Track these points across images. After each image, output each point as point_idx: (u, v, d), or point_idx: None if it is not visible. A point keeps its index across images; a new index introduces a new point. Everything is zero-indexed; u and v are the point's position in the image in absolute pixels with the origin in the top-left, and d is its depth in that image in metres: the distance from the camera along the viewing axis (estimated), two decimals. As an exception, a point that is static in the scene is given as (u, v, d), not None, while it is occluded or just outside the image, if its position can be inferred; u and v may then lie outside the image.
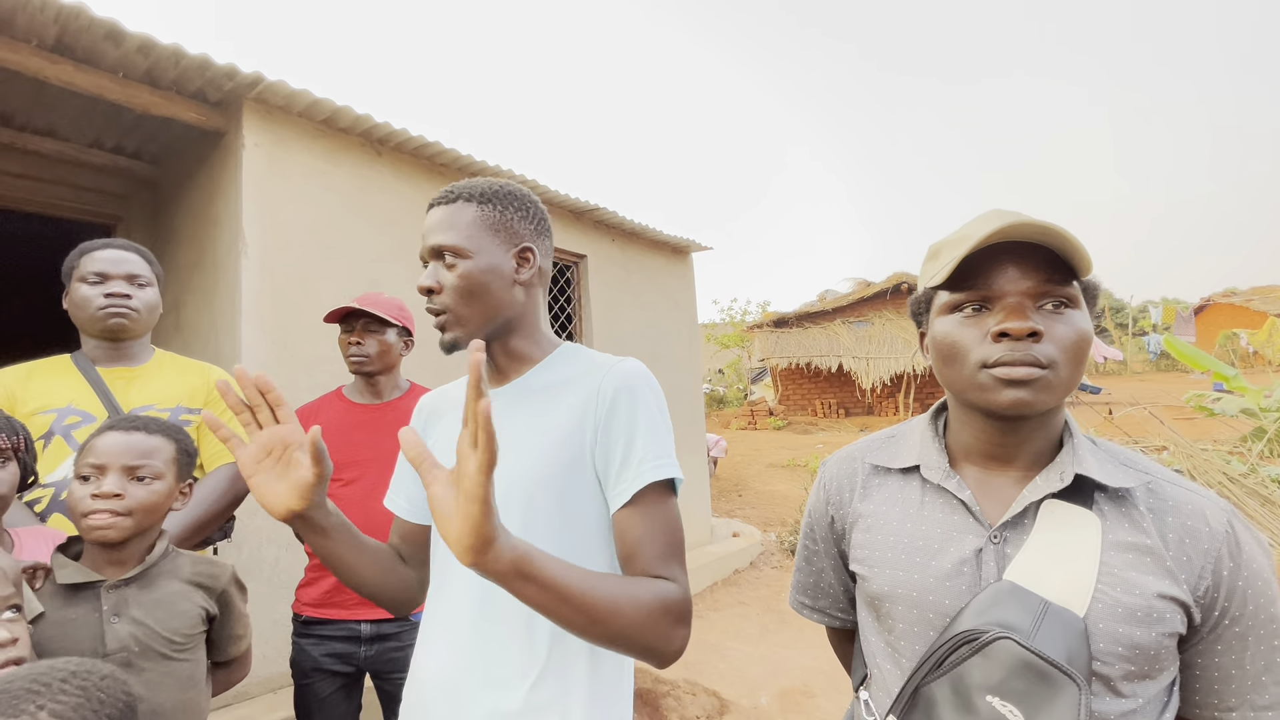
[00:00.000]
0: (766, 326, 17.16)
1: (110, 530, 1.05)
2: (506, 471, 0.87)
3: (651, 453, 0.85)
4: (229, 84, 2.63)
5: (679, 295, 5.41)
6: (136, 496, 1.08)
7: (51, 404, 1.45)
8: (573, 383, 0.92)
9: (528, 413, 0.93)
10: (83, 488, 1.05)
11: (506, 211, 0.94)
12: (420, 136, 3.20)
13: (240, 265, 2.65)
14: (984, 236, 0.70)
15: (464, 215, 0.92)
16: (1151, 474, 0.75)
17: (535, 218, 0.98)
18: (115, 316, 1.51)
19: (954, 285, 0.76)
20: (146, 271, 1.59)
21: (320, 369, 2.71)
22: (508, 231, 0.94)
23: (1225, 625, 0.70)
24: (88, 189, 3.41)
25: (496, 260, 0.92)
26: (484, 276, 0.91)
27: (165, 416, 1.51)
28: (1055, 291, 0.71)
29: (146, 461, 1.10)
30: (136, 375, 1.56)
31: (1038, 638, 0.66)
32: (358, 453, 1.79)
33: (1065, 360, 0.71)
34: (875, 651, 0.84)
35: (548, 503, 0.87)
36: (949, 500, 0.80)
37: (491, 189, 0.95)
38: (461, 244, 0.91)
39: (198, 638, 1.14)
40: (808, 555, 1.00)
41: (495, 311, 0.93)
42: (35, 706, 0.70)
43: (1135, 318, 25.86)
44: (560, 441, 0.88)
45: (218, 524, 1.58)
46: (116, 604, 1.05)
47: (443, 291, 0.91)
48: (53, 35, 2.28)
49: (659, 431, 0.87)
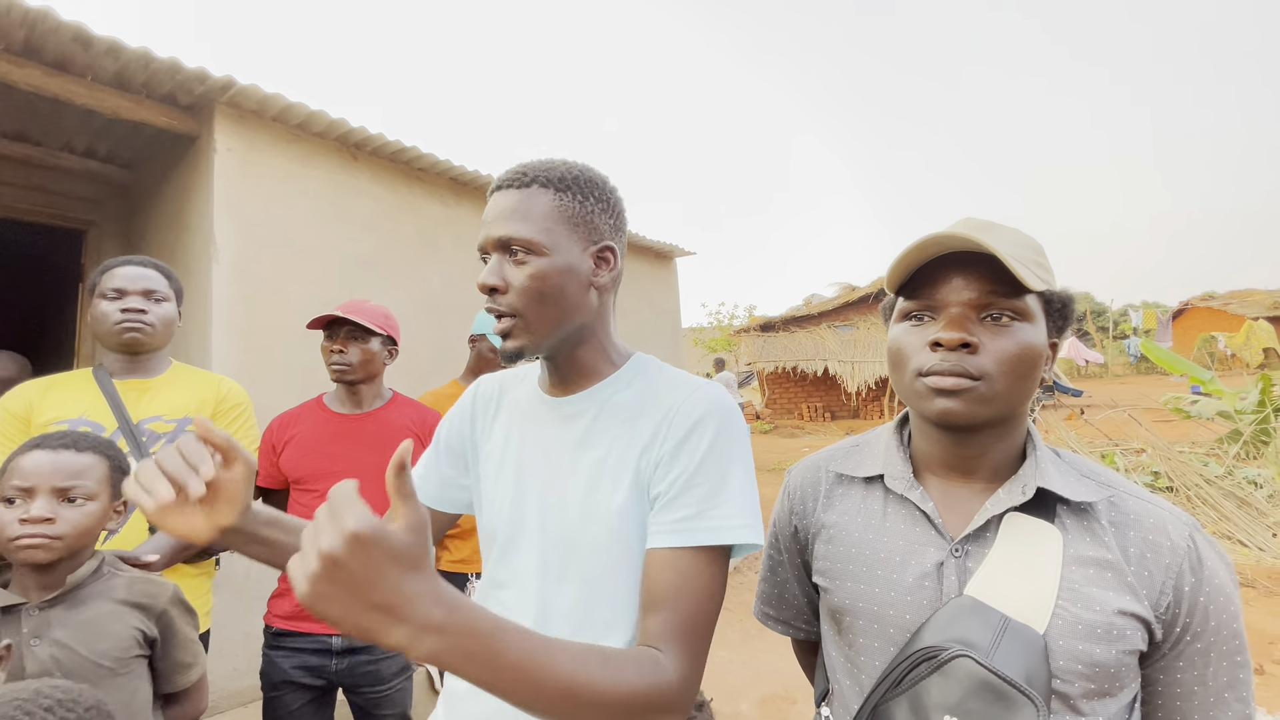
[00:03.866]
0: (753, 331, 17.22)
1: (39, 551, 1.00)
2: (578, 511, 0.79)
3: (709, 511, 0.73)
4: (200, 88, 2.59)
5: (663, 300, 5.41)
6: (69, 519, 1.03)
7: (65, 415, 1.47)
8: (649, 404, 0.81)
9: (597, 438, 0.82)
10: (9, 512, 1.00)
11: (588, 203, 0.81)
12: (397, 141, 3.18)
13: (211, 271, 2.61)
14: (914, 247, 0.71)
15: (539, 203, 0.79)
16: (1114, 487, 0.74)
17: (616, 212, 0.85)
18: (130, 331, 1.55)
19: (906, 294, 0.76)
20: (164, 287, 1.63)
21: (292, 374, 2.67)
22: (587, 226, 0.81)
23: (1187, 641, 0.69)
24: (59, 194, 3.35)
25: (574, 259, 0.79)
26: (560, 278, 0.78)
27: (171, 428, 1.57)
28: (999, 304, 0.71)
29: (78, 482, 1.05)
30: (149, 387, 1.60)
31: (997, 655, 0.65)
32: (334, 463, 1.75)
33: (1000, 373, 0.70)
34: (836, 666, 0.83)
35: (625, 547, 0.77)
36: (911, 511, 0.79)
37: (571, 174, 0.81)
38: (537, 238, 0.77)
39: (133, 663, 1.07)
40: (772, 565, 0.98)
41: (568, 318, 0.80)
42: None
43: (1116, 321, 26.25)
44: (636, 476, 0.78)
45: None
46: (38, 626, 1.00)
47: (509, 291, 0.78)
48: (20, 39, 2.24)
49: (726, 483, 0.74)
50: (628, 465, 0.78)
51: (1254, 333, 16.57)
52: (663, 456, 0.76)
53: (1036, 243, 0.76)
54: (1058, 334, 0.77)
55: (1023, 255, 0.70)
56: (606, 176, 0.86)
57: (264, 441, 1.78)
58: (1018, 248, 0.71)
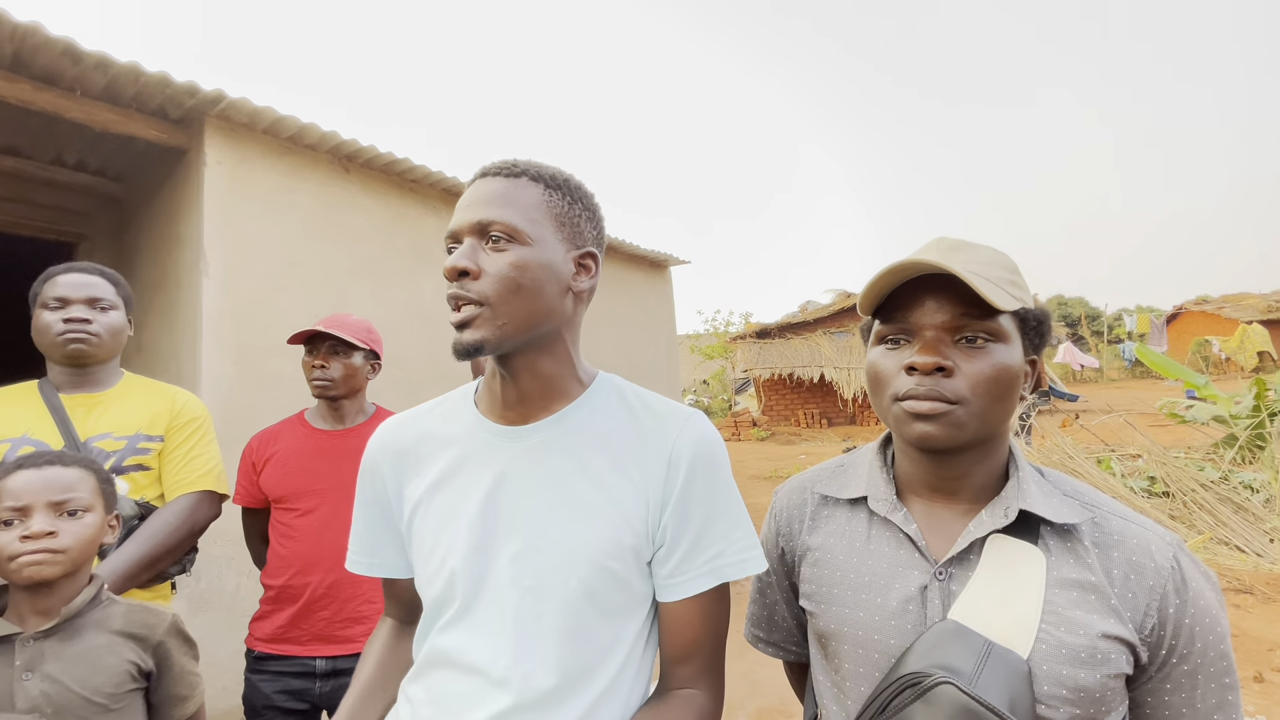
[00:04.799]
0: (749, 337, 17.24)
1: (45, 567, 0.98)
2: (561, 551, 0.72)
3: (733, 545, 0.75)
4: (190, 101, 2.59)
5: (657, 309, 5.41)
6: (71, 532, 1.02)
7: (6, 434, 1.39)
8: (636, 436, 0.76)
9: (577, 472, 0.75)
10: (6, 533, 0.98)
11: (575, 206, 0.79)
12: (390, 153, 3.18)
13: (201, 285, 2.60)
14: (883, 273, 0.72)
15: (528, 194, 0.75)
16: (1097, 507, 0.74)
17: (598, 224, 0.83)
18: (74, 342, 1.45)
19: (882, 317, 0.76)
20: (110, 294, 1.54)
21: (283, 389, 2.65)
22: (573, 228, 0.78)
23: (1174, 664, 0.68)
24: (49, 207, 3.34)
25: (556, 258, 0.76)
26: (541, 272, 0.73)
27: (122, 445, 1.47)
28: (972, 326, 0.71)
29: (73, 495, 1.04)
30: (98, 401, 1.51)
31: (980, 681, 0.64)
32: (316, 481, 1.73)
33: (976, 395, 0.70)
34: (823, 691, 0.82)
35: (613, 591, 0.73)
36: (895, 534, 0.78)
37: (562, 175, 0.79)
38: (523, 226, 0.73)
39: (128, 697, 1.04)
40: (760, 588, 0.97)
41: (541, 317, 0.75)
42: None
43: (1111, 325, 26.33)
44: (628, 514, 0.73)
45: (174, 558, 1.50)
46: (31, 659, 0.98)
47: (481, 278, 0.72)
48: (9, 53, 2.23)
49: (738, 514, 0.76)
50: (619, 503, 0.73)
51: (1248, 336, 16.62)
52: (670, 499, 0.74)
53: (1010, 261, 0.75)
54: (1035, 351, 0.77)
55: (994, 275, 0.70)
56: (592, 192, 0.84)
57: (244, 460, 1.76)
58: (989, 267, 0.71)
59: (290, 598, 1.66)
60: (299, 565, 1.67)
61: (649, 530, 0.74)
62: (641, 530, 0.74)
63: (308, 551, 1.68)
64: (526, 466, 0.76)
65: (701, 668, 0.75)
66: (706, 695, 0.74)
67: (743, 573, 0.75)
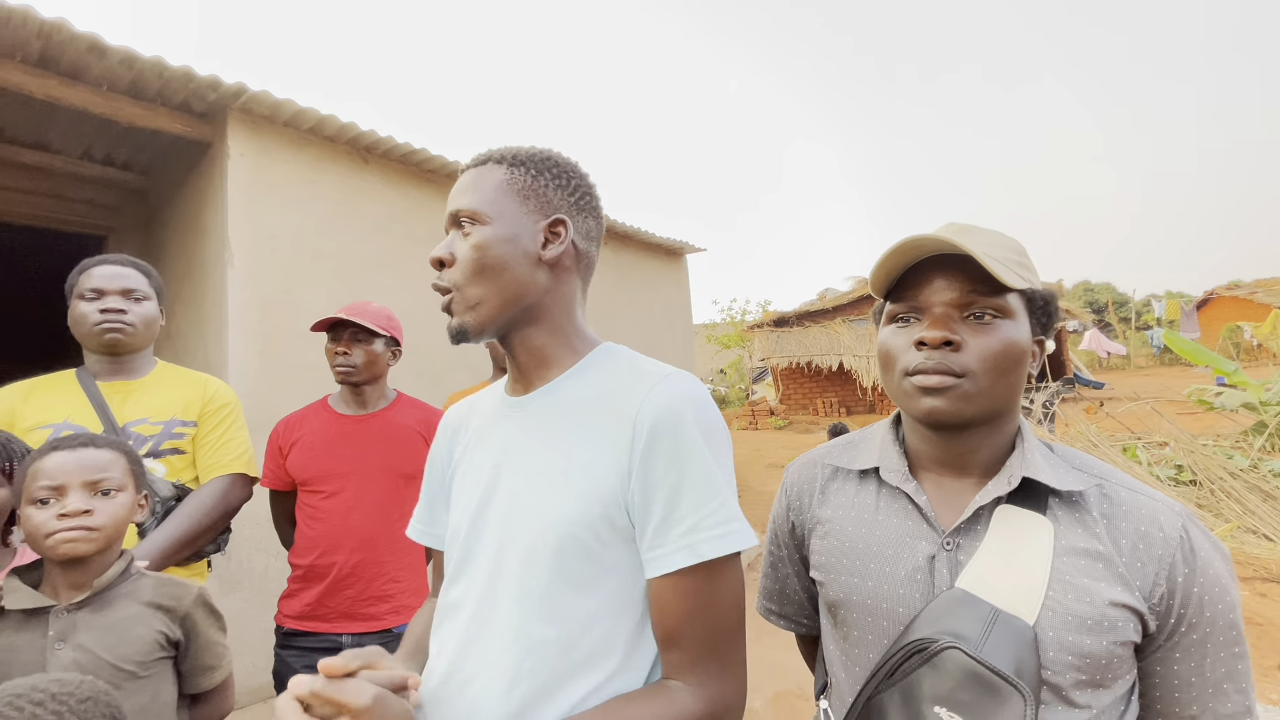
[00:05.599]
0: (767, 326, 17.15)
1: (81, 544, 1.02)
2: (528, 522, 0.72)
3: (707, 518, 0.67)
4: (213, 95, 2.63)
5: (673, 297, 5.41)
6: (105, 510, 1.06)
7: (49, 419, 1.45)
8: (610, 400, 0.74)
9: (555, 439, 0.75)
10: (43, 511, 1.02)
11: (541, 177, 0.79)
12: (407, 144, 3.21)
13: (227, 275, 2.66)
14: (892, 251, 0.73)
15: (491, 177, 0.78)
16: (1105, 478, 0.74)
17: (577, 190, 0.81)
18: (110, 332, 1.51)
19: (893, 297, 0.78)
20: (143, 285, 1.59)
21: (307, 377, 2.71)
22: (539, 199, 0.78)
23: (1183, 632, 0.69)
24: (79, 201, 3.43)
25: (519, 230, 0.76)
26: (502, 248, 0.75)
27: (158, 430, 1.53)
28: (980, 303, 0.73)
29: (106, 475, 1.08)
30: (134, 389, 1.57)
31: (986, 647, 0.65)
32: (340, 464, 1.78)
33: (984, 370, 0.72)
34: (833, 659, 0.84)
35: (579, 561, 0.69)
36: (904, 505, 0.79)
37: (527, 152, 0.80)
38: (480, 208, 0.76)
39: (156, 665, 1.08)
40: (772, 561, 0.99)
41: (512, 294, 0.76)
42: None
43: (1139, 312, 25.75)
44: (596, 483, 0.70)
45: (209, 537, 1.57)
46: (64, 629, 1.02)
47: (453, 264, 0.77)
48: (37, 50, 2.29)
49: (713, 483, 0.68)
50: (591, 470, 0.71)
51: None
52: (634, 465, 0.69)
53: (1018, 244, 0.77)
54: (1042, 331, 0.78)
55: (1003, 256, 0.72)
56: (573, 162, 0.83)
57: (270, 444, 1.81)
58: (998, 249, 0.73)
59: (317, 576, 1.72)
60: (325, 545, 1.72)
61: (622, 499, 0.69)
62: (613, 499, 0.69)
63: (333, 532, 1.73)
64: (521, 435, 0.79)
65: (688, 658, 0.67)
66: (691, 691, 0.66)
67: (720, 550, 0.66)
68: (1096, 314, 27.25)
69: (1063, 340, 16.51)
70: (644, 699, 0.66)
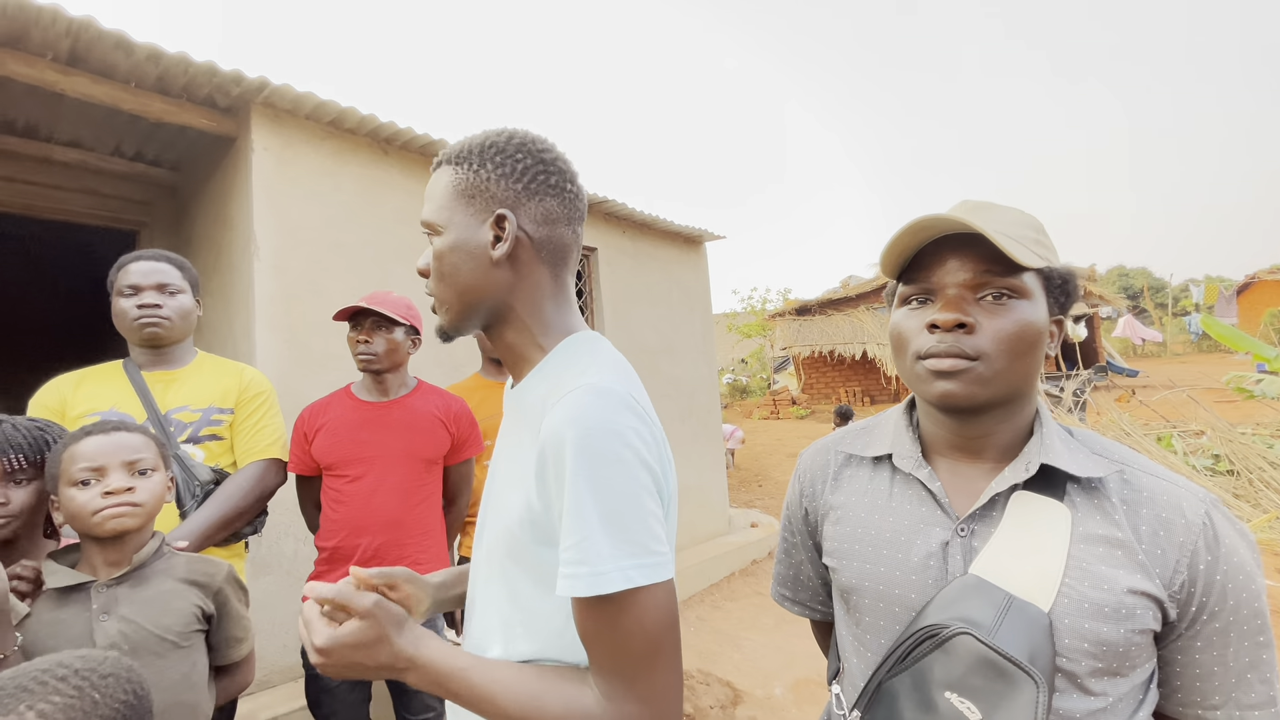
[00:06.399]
0: (788, 314, 17.00)
1: (126, 519, 1.08)
2: (495, 508, 0.78)
3: (564, 553, 0.64)
4: (236, 89, 2.68)
5: (693, 286, 5.38)
6: (145, 488, 1.12)
7: (96, 407, 1.53)
8: (539, 409, 0.73)
9: (519, 436, 0.77)
10: (85, 492, 1.07)
11: (483, 170, 0.75)
12: (426, 134, 3.23)
13: (253, 267, 2.71)
14: (903, 231, 0.71)
15: (440, 182, 0.78)
16: (1126, 463, 0.73)
17: (525, 173, 0.75)
18: (149, 326, 1.60)
19: (905, 279, 0.76)
20: (177, 279, 1.66)
21: (331, 366, 2.76)
22: (482, 197, 0.75)
23: (1204, 621, 0.67)
24: (112, 196, 3.52)
25: (465, 234, 0.75)
26: (452, 255, 0.75)
27: (197, 417, 1.61)
28: (995, 283, 0.70)
29: (142, 455, 1.13)
30: (175, 378, 1.65)
31: (999, 633, 0.64)
32: (363, 449, 1.82)
33: (999, 352, 0.69)
34: (846, 645, 0.83)
35: (523, 550, 0.72)
36: (918, 491, 0.78)
37: (472, 145, 0.77)
38: (433, 217, 0.77)
39: (193, 636, 1.14)
40: (787, 548, 0.99)
41: (471, 298, 0.76)
42: (25, 706, 0.69)
43: (1176, 297, 24.94)
44: (520, 493, 0.72)
45: (246, 519, 1.64)
46: (106, 603, 1.07)
47: (429, 274, 0.79)
48: (66, 48, 2.35)
49: (580, 518, 0.63)
50: (525, 475, 0.71)
51: (1328, 306, 15.53)
52: (543, 478, 0.68)
53: (1035, 221, 0.74)
54: (1061, 311, 0.76)
55: (1019, 234, 0.70)
56: (526, 139, 0.77)
57: (296, 430, 1.85)
58: (1013, 226, 0.71)
59: (342, 558, 1.76)
60: (349, 528, 1.77)
61: (538, 505, 0.69)
62: (533, 505, 0.69)
63: (357, 515, 1.77)
64: (507, 426, 0.84)
65: (596, 669, 0.65)
66: (600, 699, 0.64)
67: (567, 591, 0.63)
68: (1131, 299, 26.47)
69: (1095, 327, 16.07)
70: (564, 679, 0.68)
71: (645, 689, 0.64)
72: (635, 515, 0.64)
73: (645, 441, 0.67)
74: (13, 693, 0.70)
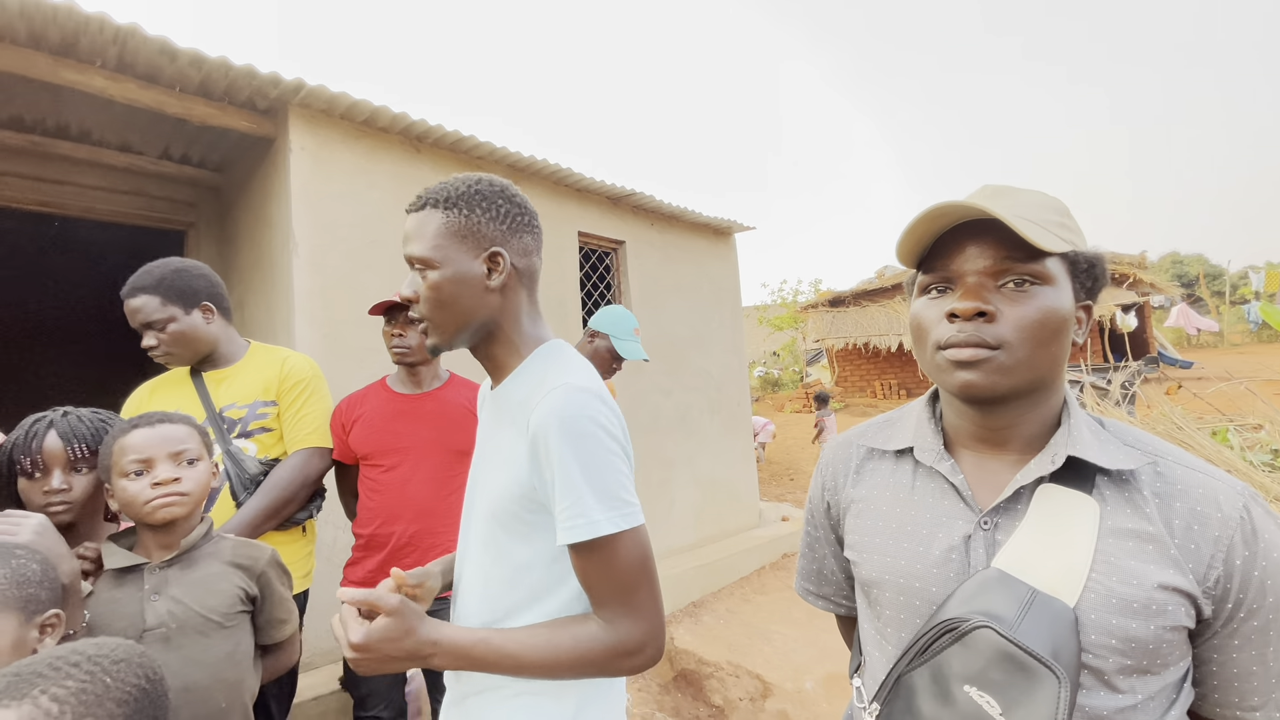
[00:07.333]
0: (821, 306, 16.74)
1: (175, 507, 1.14)
2: (484, 490, 0.95)
3: (563, 512, 0.83)
4: (274, 91, 2.76)
5: (721, 278, 5.35)
6: (192, 478, 1.18)
7: (166, 407, 1.61)
8: (524, 406, 0.89)
9: (502, 430, 0.94)
10: (136, 483, 1.13)
11: (473, 215, 0.91)
12: (456, 131, 3.27)
13: (292, 264, 2.79)
14: (919, 219, 0.69)
15: (430, 223, 0.91)
16: (1160, 455, 0.70)
17: (508, 216, 0.94)
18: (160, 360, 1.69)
19: (923, 266, 0.75)
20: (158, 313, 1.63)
21: (368, 359, 2.84)
22: (475, 237, 0.91)
23: (1241, 619, 0.65)
24: (160, 198, 3.67)
25: (464, 268, 0.90)
26: (452, 287, 0.90)
27: (244, 413, 1.69)
28: (1016, 269, 0.68)
29: (187, 446, 1.19)
30: (226, 376, 1.74)
31: (1022, 628, 0.63)
32: (398, 440, 1.87)
33: (1020, 340, 0.67)
34: (867, 638, 0.83)
35: (513, 522, 0.90)
36: (940, 485, 0.77)
37: (458, 192, 0.92)
38: (428, 254, 0.90)
39: (238, 617, 1.19)
40: (810, 542, 0.99)
41: (467, 319, 0.92)
42: (39, 691, 0.71)
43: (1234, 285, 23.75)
44: (515, 470, 0.88)
45: (294, 506, 1.71)
46: (157, 584, 1.13)
47: (419, 300, 0.92)
48: (114, 55, 2.45)
49: (569, 484, 0.82)
50: (515, 460, 0.88)
51: (1404, 293, 14.59)
52: (535, 458, 0.85)
53: (1059, 204, 0.72)
54: (1089, 296, 0.73)
55: (1040, 218, 0.67)
56: (502, 187, 0.95)
57: (334, 421, 1.91)
58: (1035, 210, 0.68)
59: (378, 545, 1.82)
60: (384, 516, 1.82)
61: (531, 481, 0.86)
62: (527, 483, 0.87)
63: (392, 503, 1.82)
64: (490, 421, 1.01)
65: (597, 603, 0.85)
66: (603, 624, 0.84)
67: (570, 538, 0.82)
68: (1186, 287, 25.29)
69: (1146, 316, 15.41)
70: (570, 623, 0.86)
71: (637, 607, 0.84)
72: (613, 477, 0.84)
73: (612, 422, 0.87)
74: (27, 679, 0.72)
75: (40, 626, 0.91)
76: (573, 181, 4.01)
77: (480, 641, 0.83)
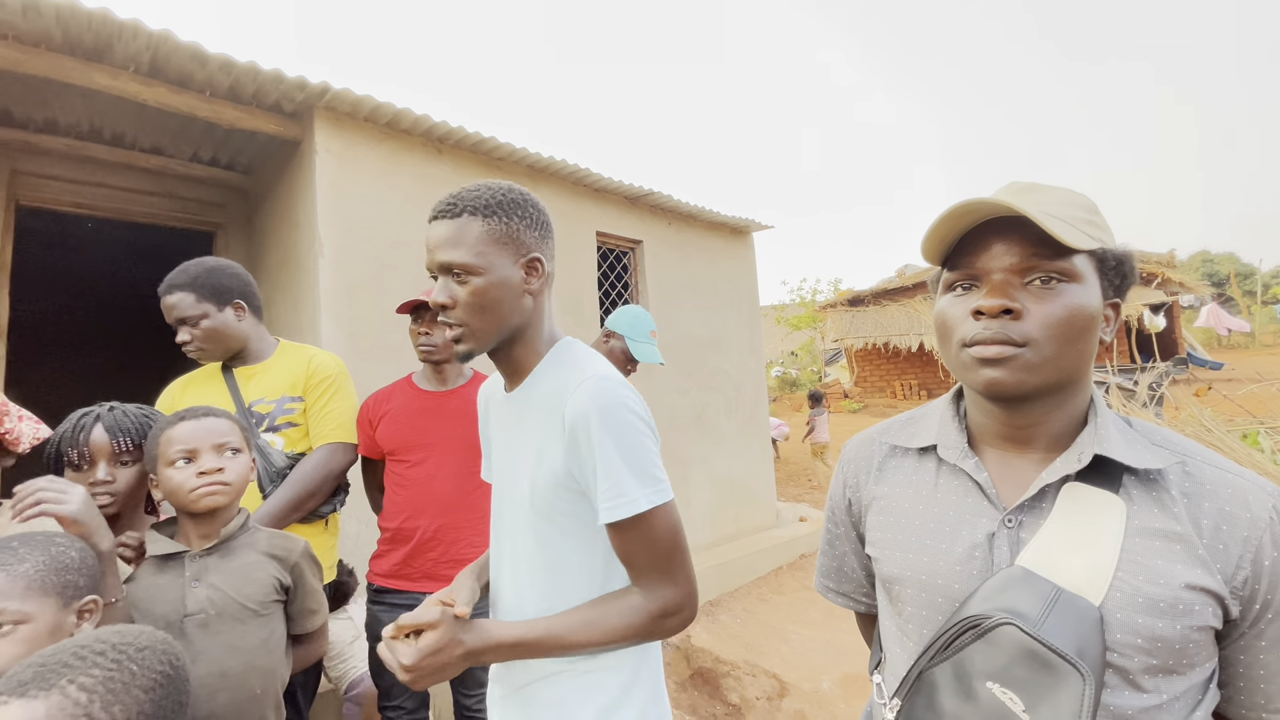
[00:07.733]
0: (840, 305, 16.61)
1: (219, 496, 1.18)
2: (518, 483, 0.99)
3: (604, 493, 0.88)
4: (301, 95, 2.81)
5: (739, 277, 5.34)
6: (234, 468, 1.22)
7: (200, 402, 1.68)
8: (554, 399, 0.94)
9: (528, 427, 0.99)
10: (181, 472, 1.17)
11: (513, 222, 0.94)
12: (477, 133, 3.31)
13: (318, 264, 2.85)
14: (944, 217, 0.69)
15: (470, 230, 0.92)
16: (1189, 455, 0.70)
17: (540, 224, 0.98)
18: (194, 356, 1.76)
19: (948, 264, 0.74)
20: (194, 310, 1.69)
21: (392, 357, 2.88)
22: (515, 243, 0.95)
23: (1270, 620, 0.64)
24: (190, 199, 3.76)
25: (506, 273, 0.94)
26: (496, 292, 0.93)
27: (271, 408, 1.73)
28: (1043, 266, 0.68)
29: (229, 438, 1.23)
30: (255, 373, 1.78)
31: (1046, 625, 0.63)
32: (424, 436, 1.90)
33: (1047, 338, 0.67)
34: (888, 635, 0.83)
35: (551, 510, 0.95)
36: (964, 482, 0.77)
37: (495, 199, 0.94)
38: (472, 261, 0.92)
39: (273, 606, 1.23)
40: (830, 539, 0.99)
41: (506, 323, 0.96)
42: (66, 680, 0.73)
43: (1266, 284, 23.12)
44: (550, 461, 0.93)
45: (318, 500, 1.75)
46: (198, 571, 1.17)
47: (456, 307, 0.93)
48: (147, 61, 2.52)
49: (609, 466, 0.88)
50: (550, 452, 0.93)
51: None
52: (574, 447, 0.90)
53: (1087, 200, 0.71)
54: (1117, 294, 0.72)
55: (1067, 214, 0.67)
56: (529, 195, 0.99)
57: (360, 417, 1.95)
58: (1062, 207, 0.68)
59: (403, 539, 1.85)
60: (410, 510, 1.86)
61: (571, 471, 0.92)
62: (564, 472, 0.92)
63: (417, 498, 1.86)
64: (513, 422, 1.03)
65: (637, 574, 0.92)
66: (643, 594, 0.91)
67: (612, 516, 0.88)
68: (1216, 287, 24.68)
69: (1175, 316, 15.07)
70: (613, 598, 0.93)
71: (673, 573, 0.92)
72: (647, 458, 0.91)
73: (640, 405, 0.94)
74: (54, 668, 0.74)
75: (79, 612, 0.95)
76: (591, 181, 4.03)
77: (529, 631, 0.89)
